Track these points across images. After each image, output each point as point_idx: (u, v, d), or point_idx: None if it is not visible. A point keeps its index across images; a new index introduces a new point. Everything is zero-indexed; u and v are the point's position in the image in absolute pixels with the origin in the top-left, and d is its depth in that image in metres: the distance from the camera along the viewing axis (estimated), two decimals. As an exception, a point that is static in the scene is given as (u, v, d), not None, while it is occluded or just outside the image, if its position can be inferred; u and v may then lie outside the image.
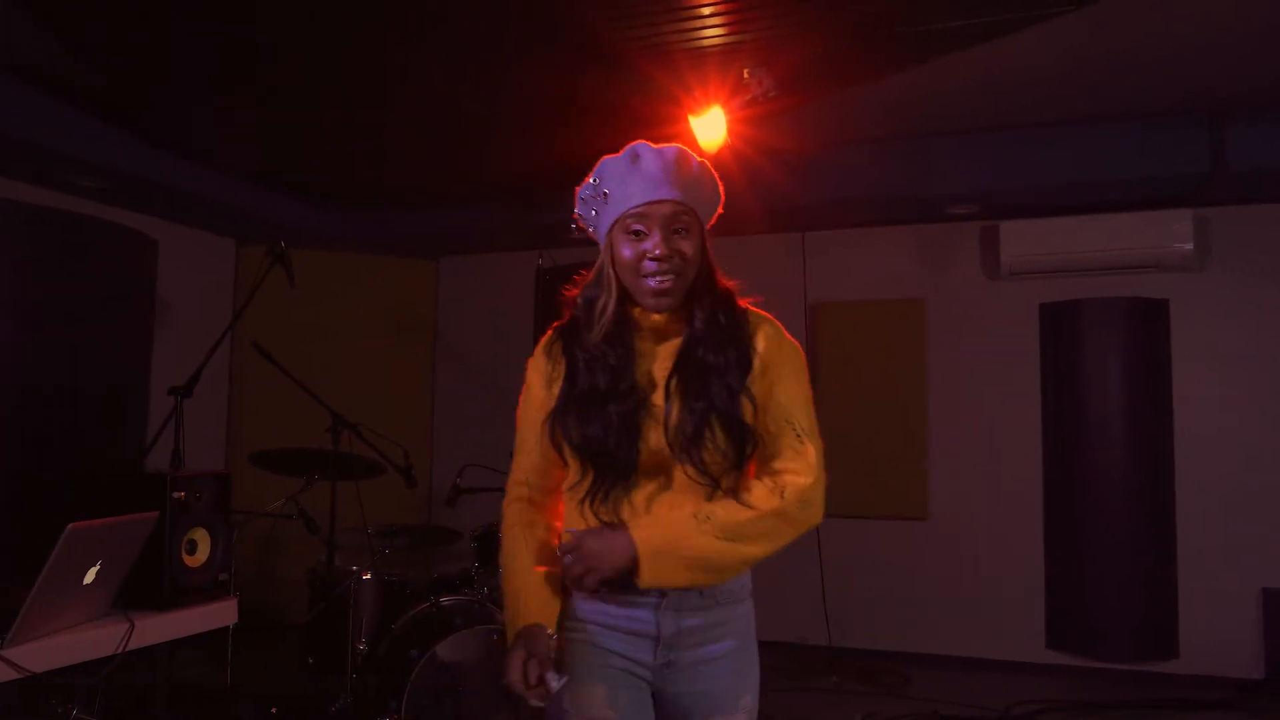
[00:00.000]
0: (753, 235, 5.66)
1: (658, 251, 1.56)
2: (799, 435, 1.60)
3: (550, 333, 1.71)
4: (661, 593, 1.57)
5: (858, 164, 4.90)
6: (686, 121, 3.88)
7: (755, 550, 1.53)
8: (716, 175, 1.68)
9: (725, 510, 1.52)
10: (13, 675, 1.90)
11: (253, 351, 3.74)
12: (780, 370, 1.63)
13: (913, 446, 5.40)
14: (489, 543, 3.82)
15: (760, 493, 1.54)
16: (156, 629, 2.21)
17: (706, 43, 3.55)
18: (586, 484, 1.57)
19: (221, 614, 2.37)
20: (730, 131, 3.92)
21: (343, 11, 3.32)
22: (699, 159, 1.66)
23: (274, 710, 3.83)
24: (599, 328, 1.61)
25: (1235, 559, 4.81)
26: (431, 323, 6.58)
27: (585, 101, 4.11)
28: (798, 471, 1.57)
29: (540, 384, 1.67)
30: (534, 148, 4.78)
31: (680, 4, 3.24)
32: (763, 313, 1.69)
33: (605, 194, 1.61)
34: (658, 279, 1.58)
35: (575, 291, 1.69)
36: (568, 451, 1.60)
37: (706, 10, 3.30)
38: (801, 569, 5.37)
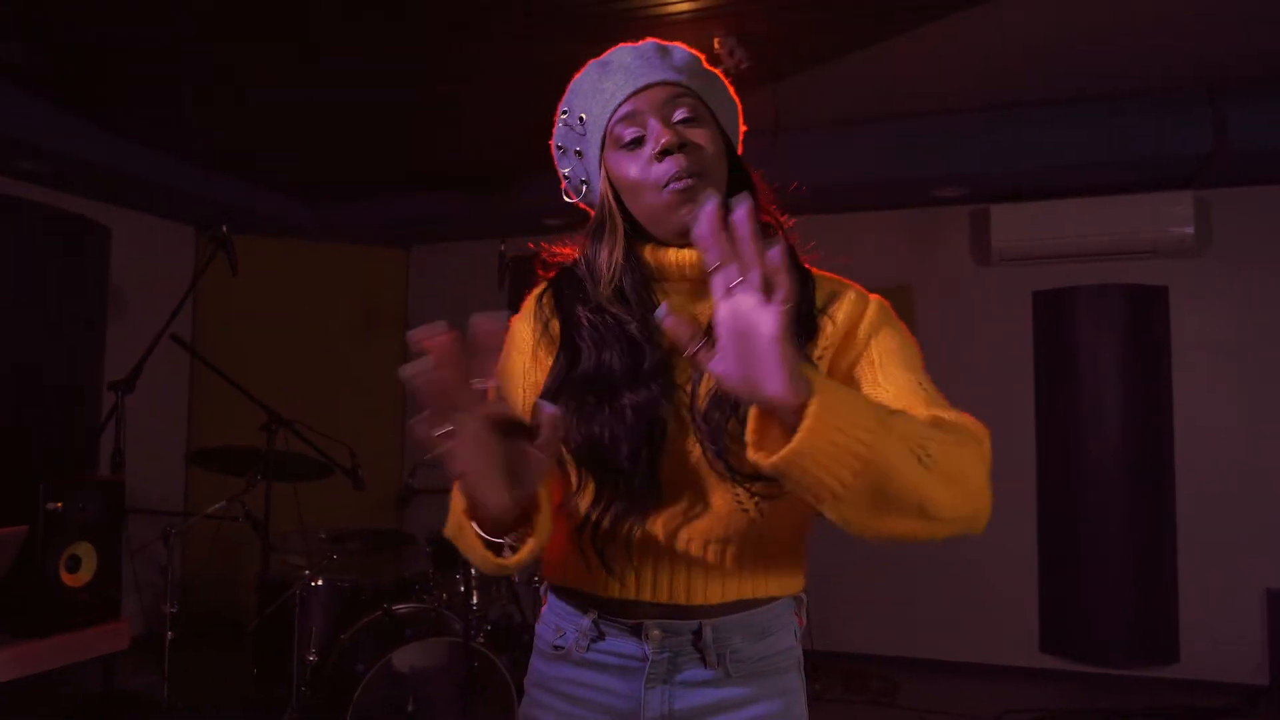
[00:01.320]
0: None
1: (664, 140, 1.11)
2: (920, 399, 1.11)
3: (539, 286, 1.27)
4: (643, 653, 1.14)
5: (842, 145, 4.67)
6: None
7: (939, 496, 0.93)
8: (722, 74, 1.25)
9: (921, 422, 1.00)
10: None
11: (214, 345, 3.54)
12: (873, 325, 1.18)
13: (901, 441, 5.17)
14: (446, 547, 3.60)
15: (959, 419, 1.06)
16: (24, 659, 1.95)
17: (676, 8, 3.33)
18: (585, 503, 1.12)
19: (109, 638, 2.14)
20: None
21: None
22: (694, 52, 1.23)
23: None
24: (607, 282, 1.17)
25: (1238, 557, 4.61)
26: (402, 312, 6.37)
27: (555, 76, 3.88)
28: (963, 425, 1.08)
29: (523, 348, 1.22)
30: (505, 131, 4.57)
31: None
32: (827, 273, 1.27)
33: (581, 119, 1.19)
34: (677, 180, 1.11)
35: (570, 251, 1.27)
36: (565, 455, 1.13)
37: (674, -26, 3.08)
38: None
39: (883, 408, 0.93)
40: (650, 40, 1.20)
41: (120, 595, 2.21)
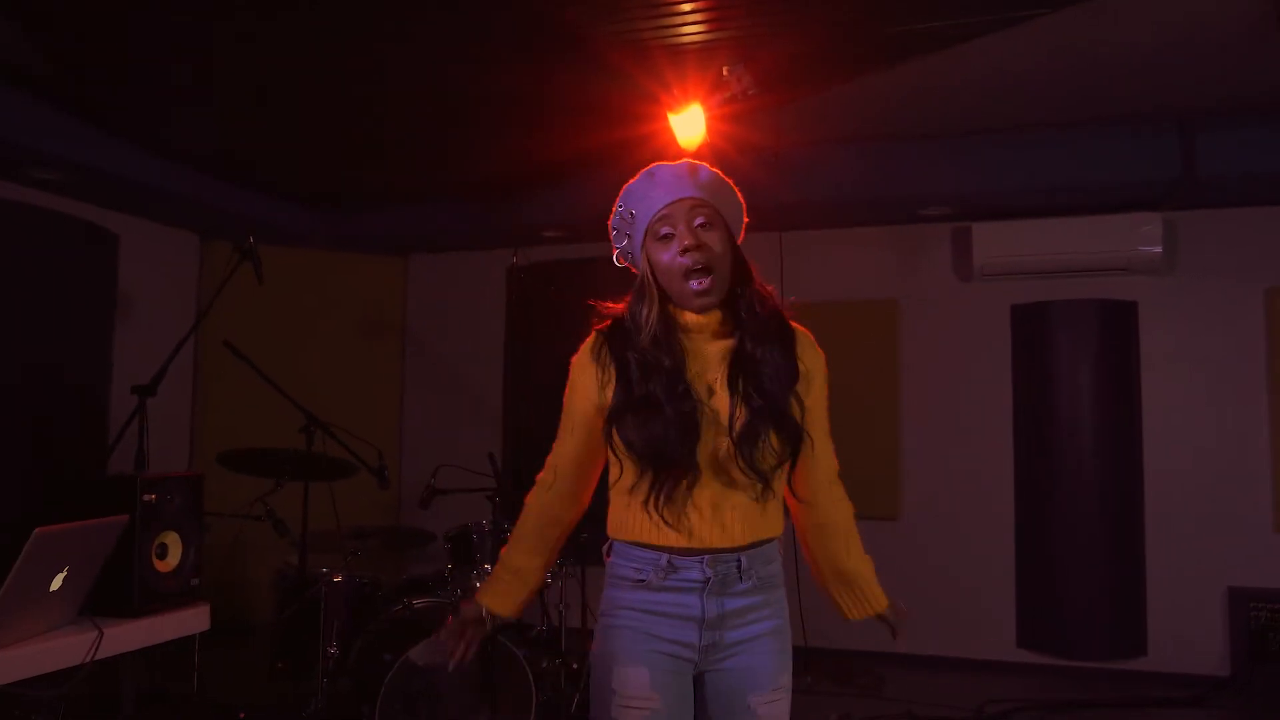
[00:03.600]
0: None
1: (685, 241, 1.64)
2: (831, 455, 1.83)
3: (593, 336, 1.76)
4: (706, 577, 1.65)
5: (835, 164, 4.89)
6: (665, 119, 3.85)
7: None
8: (735, 186, 1.76)
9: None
10: (-25, 686, 1.82)
11: (219, 349, 3.65)
12: (819, 384, 1.78)
13: (885, 447, 5.40)
14: (462, 544, 3.76)
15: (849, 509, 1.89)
16: (127, 637, 2.13)
17: (685, 39, 3.52)
18: (646, 485, 1.62)
19: (193, 620, 2.30)
20: (709, 129, 3.90)
21: (314, 6, 3.24)
22: (716, 169, 1.75)
23: (242, 716, 3.74)
24: (646, 333, 1.66)
25: (1202, 558, 4.87)
26: (400, 321, 6.48)
27: (562, 98, 4.06)
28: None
29: (589, 384, 1.72)
30: (509, 146, 4.73)
31: (659, 0, 3.21)
32: (798, 325, 1.79)
33: (632, 214, 1.70)
34: (696, 279, 1.64)
35: (619, 307, 1.75)
36: (626, 455, 1.64)
37: (686, 7, 3.27)
38: (775, 569, 5.34)
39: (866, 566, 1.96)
40: (686, 161, 1.74)
41: (201, 581, 2.37)
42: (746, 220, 1.78)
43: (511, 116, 4.30)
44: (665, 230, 1.66)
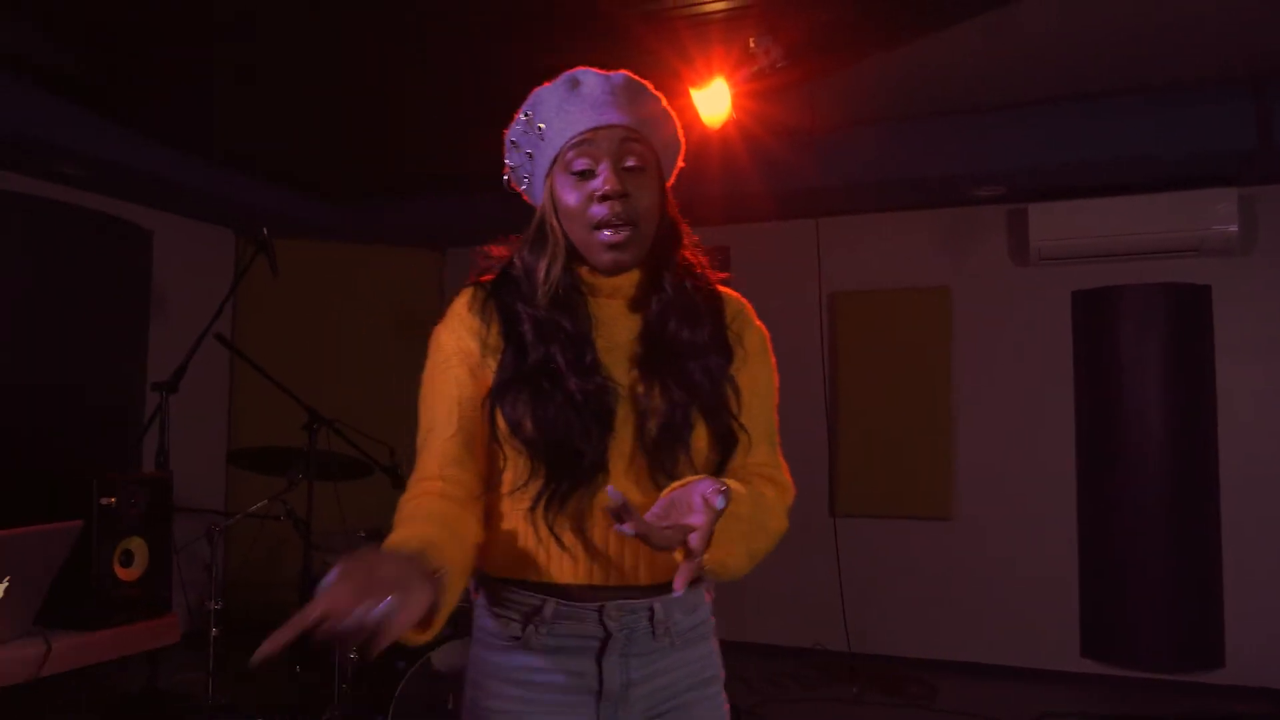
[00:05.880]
0: (763, 222, 5.43)
1: (607, 187, 1.23)
2: (774, 445, 1.37)
3: (470, 290, 1.36)
4: (605, 632, 1.24)
5: (876, 144, 4.64)
6: (688, 95, 3.64)
7: (765, 546, 1.25)
8: (677, 118, 1.38)
9: (754, 489, 1.25)
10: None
11: (253, 346, 3.59)
12: (758, 362, 1.36)
13: (938, 443, 5.14)
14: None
15: (774, 487, 1.32)
16: (82, 650, 1.99)
17: (709, 8, 3.33)
18: (536, 487, 1.21)
19: (160, 632, 2.16)
20: (735, 106, 3.68)
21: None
22: (657, 93, 1.35)
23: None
24: (544, 290, 1.28)
25: (1285, 561, 4.52)
26: (437, 315, 6.38)
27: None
28: (786, 484, 1.36)
29: (465, 352, 1.30)
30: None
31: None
32: (730, 291, 1.41)
33: (540, 128, 1.29)
34: (610, 231, 1.25)
35: (502, 251, 1.37)
36: (511, 444, 1.23)
37: (709, -25, 3.08)
38: (817, 571, 5.14)
39: (751, 518, 1.20)
40: (624, 73, 1.31)
41: (171, 590, 2.25)
42: (682, 165, 1.40)
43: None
44: (582, 164, 1.26)
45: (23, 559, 1.82)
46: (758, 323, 1.40)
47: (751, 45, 3.42)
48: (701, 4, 3.30)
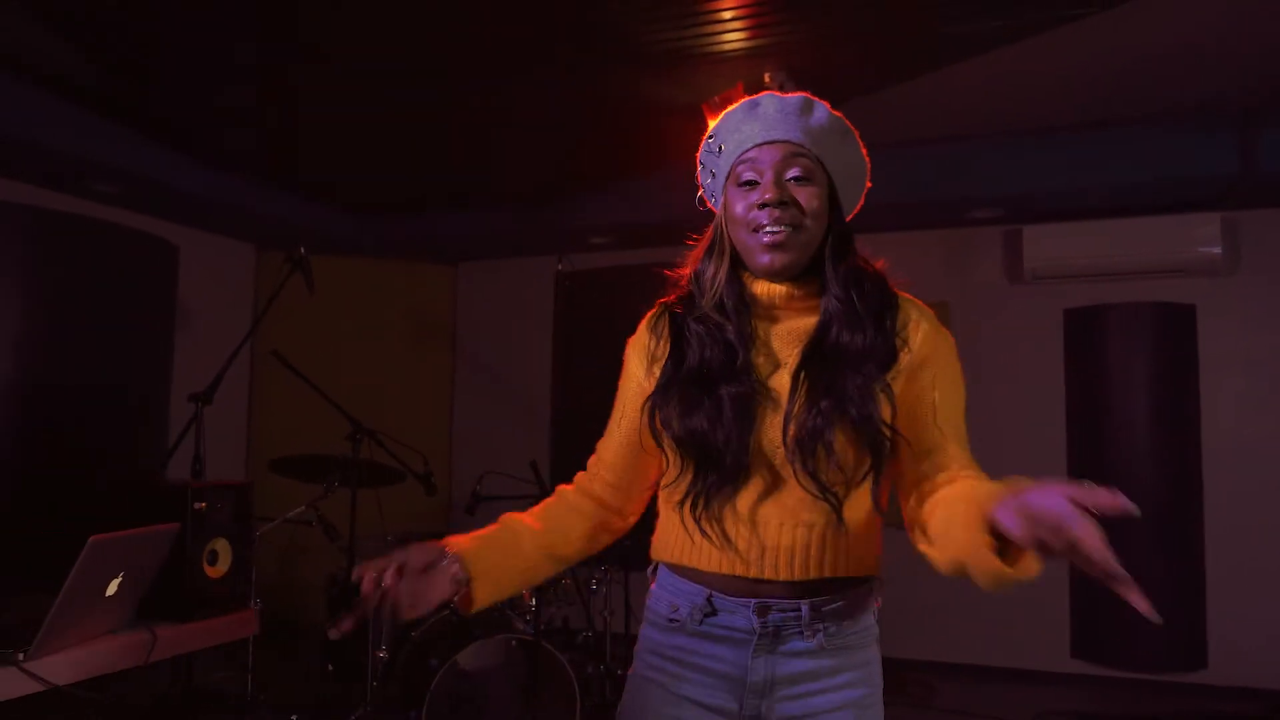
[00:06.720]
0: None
1: (766, 195, 1.30)
2: (964, 445, 1.33)
3: (655, 308, 1.47)
4: (753, 627, 1.31)
5: (881, 168, 4.79)
6: (708, 126, 3.84)
7: None
8: (860, 140, 1.44)
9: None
10: (35, 687, 1.88)
11: (272, 358, 3.73)
12: (941, 367, 1.35)
13: (935, 452, 5.31)
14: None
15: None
16: (179, 640, 2.20)
17: (728, 47, 3.52)
18: (685, 483, 1.31)
19: (242, 624, 2.36)
20: (752, 136, 3.87)
21: (367, 17, 3.31)
22: (838, 114, 1.40)
23: (294, 718, 3.82)
24: (711, 295, 1.37)
25: (1266, 567, 4.73)
26: (450, 328, 6.56)
27: (606, 105, 4.09)
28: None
29: (639, 363, 1.44)
30: (554, 152, 4.77)
31: (702, 8, 3.21)
32: (914, 298, 1.41)
33: (720, 147, 1.39)
34: (769, 232, 1.31)
35: (686, 270, 1.46)
36: (666, 443, 1.34)
37: (727, 14, 3.28)
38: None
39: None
40: (801, 95, 1.39)
41: (250, 587, 2.44)
42: (869, 185, 1.47)
43: (558, 123, 4.33)
44: (749, 176, 1.33)
45: (133, 557, 2.01)
46: (942, 328, 1.39)
47: (768, 80, 3.62)
48: (720, 42, 3.49)
